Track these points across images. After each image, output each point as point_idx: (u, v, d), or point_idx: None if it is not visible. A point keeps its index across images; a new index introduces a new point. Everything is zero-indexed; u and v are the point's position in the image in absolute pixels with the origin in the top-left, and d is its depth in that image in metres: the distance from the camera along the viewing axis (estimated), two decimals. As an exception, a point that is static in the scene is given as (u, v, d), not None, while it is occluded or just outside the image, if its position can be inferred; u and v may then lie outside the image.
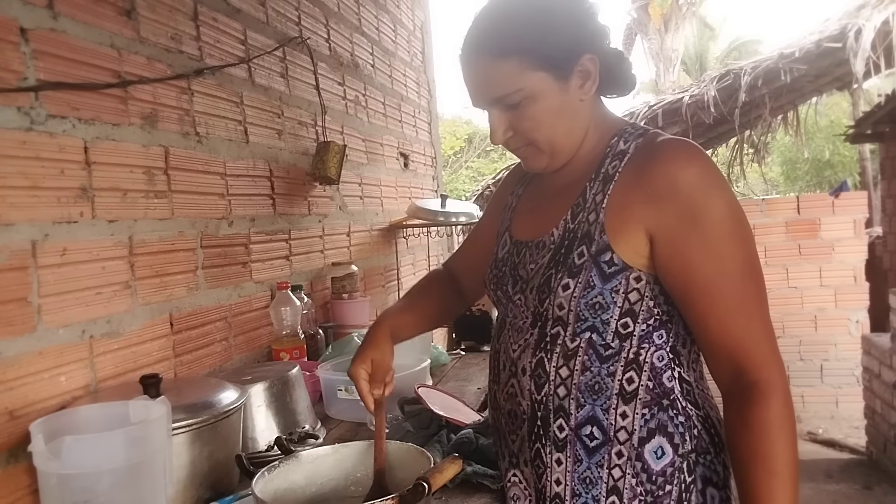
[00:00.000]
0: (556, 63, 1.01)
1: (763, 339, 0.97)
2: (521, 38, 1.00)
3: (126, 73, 1.53)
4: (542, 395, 1.06)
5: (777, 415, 0.95)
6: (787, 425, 0.95)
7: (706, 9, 16.85)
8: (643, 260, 1.01)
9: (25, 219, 1.25)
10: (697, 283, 0.98)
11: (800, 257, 5.29)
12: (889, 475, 4.02)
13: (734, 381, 0.98)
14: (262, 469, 1.08)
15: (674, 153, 1.00)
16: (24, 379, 1.23)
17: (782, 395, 0.96)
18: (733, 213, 0.98)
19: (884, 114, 4.71)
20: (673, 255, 0.99)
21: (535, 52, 1.00)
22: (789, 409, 0.97)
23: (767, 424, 0.95)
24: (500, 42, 1.00)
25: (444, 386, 1.99)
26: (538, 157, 1.09)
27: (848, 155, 11.67)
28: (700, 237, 0.97)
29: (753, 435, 0.95)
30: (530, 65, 1.00)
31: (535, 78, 1.01)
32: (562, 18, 1.02)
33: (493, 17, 1.04)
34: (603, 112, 1.13)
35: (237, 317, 1.95)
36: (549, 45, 1.00)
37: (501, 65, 1.01)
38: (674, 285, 1.00)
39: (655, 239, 0.99)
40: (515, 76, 1.00)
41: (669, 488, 1.02)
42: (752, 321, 0.97)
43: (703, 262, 0.97)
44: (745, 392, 0.96)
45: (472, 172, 16.77)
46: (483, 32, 1.03)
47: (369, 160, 3.09)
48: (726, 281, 0.97)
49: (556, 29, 1.01)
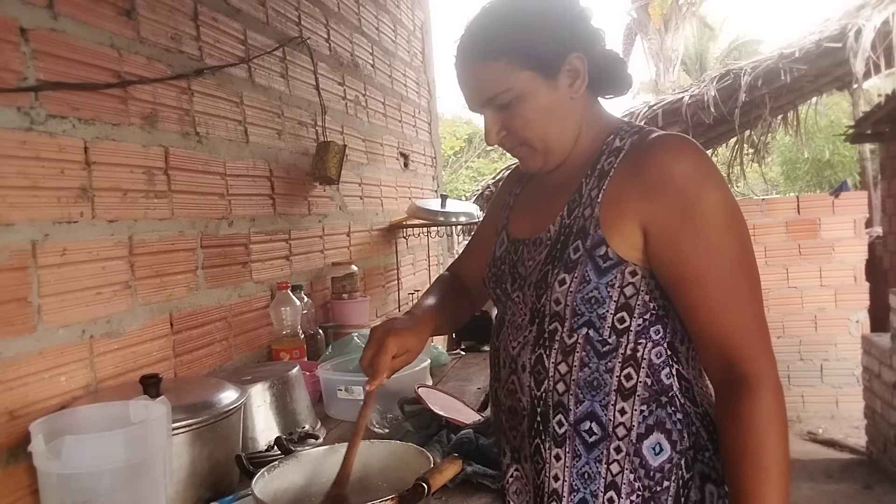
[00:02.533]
0: (543, 62, 1.03)
1: (754, 333, 0.98)
2: (509, 39, 1.03)
3: (126, 73, 1.53)
4: (541, 392, 1.07)
5: (766, 408, 0.95)
6: (776, 420, 0.95)
7: (706, 9, 16.87)
8: (637, 253, 1.02)
9: (25, 219, 1.25)
10: (688, 275, 0.98)
11: (800, 257, 5.30)
12: (889, 475, 4.02)
13: (724, 373, 0.99)
14: (262, 469, 1.08)
15: (667, 147, 1.01)
16: (24, 379, 1.23)
17: (772, 389, 0.96)
18: (726, 207, 0.99)
19: (884, 114, 4.71)
20: (664, 247, 0.99)
21: (522, 51, 1.03)
22: (780, 403, 0.97)
23: (756, 418, 0.95)
24: (489, 44, 1.04)
25: (444, 386, 1.99)
26: (533, 156, 1.11)
27: (848, 155, 11.66)
28: (691, 229, 0.97)
29: (742, 428, 0.96)
30: (518, 64, 1.03)
31: (524, 77, 1.03)
32: (549, 20, 1.05)
33: (482, 21, 1.07)
34: (598, 111, 1.14)
35: (237, 317, 1.95)
36: (536, 45, 1.03)
37: (491, 66, 1.04)
38: (666, 277, 1.01)
39: (648, 231, 1.00)
40: (504, 76, 1.03)
41: (667, 484, 1.02)
42: (743, 315, 0.98)
43: (695, 254, 0.97)
44: (735, 385, 0.97)
45: (472, 172, 16.78)
46: (473, 36, 1.07)
47: (369, 160, 3.09)
48: (717, 273, 0.97)
49: (543, 30, 1.04)
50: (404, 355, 1.16)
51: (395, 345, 1.13)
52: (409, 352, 1.17)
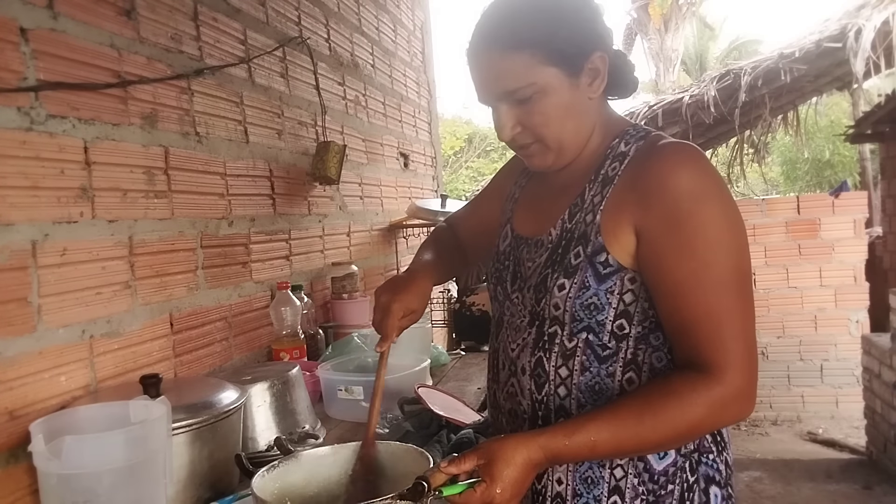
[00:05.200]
0: (567, 59, 1.00)
1: (731, 350, 0.93)
2: (535, 32, 0.99)
3: (126, 73, 1.53)
4: (542, 395, 1.06)
5: (705, 396, 0.92)
6: (703, 417, 0.92)
7: (706, 9, 16.85)
8: (632, 260, 1.01)
9: (25, 219, 1.25)
10: (667, 284, 0.97)
11: (800, 257, 5.29)
12: (889, 475, 4.02)
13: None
14: (262, 469, 1.08)
15: (669, 156, 0.99)
16: (24, 379, 1.23)
17: (728, 395, 0.92)
18: (721, 222, 0.96)
19: (884, 114, 4.71)
20: (650, 255, 0.98)
21: (547, 46, 0.99)
22: (723, 411, 0.93)
23: (690, 392, 0.92)
24: (513, 35, 0.99)
25: (444, 386, 1.99)
26: (544, 154, 1.08)
27: (848, 155, 11.65)
28: (678, 241, 0.95)
29: (668, 387, 0.94)
30: (543, 59, 0.99)
31: (548, 73, 1.00)
32: (573, 15, 1.01)
33: (505, 10, 1.02)
34: (608, 112, 1.13)
35: (237, 317, 1.95)
36: (561, 41, 0.99)
37: (513, 57, 0.99)
38: (648, 283, 1.00)
39: (640, 238, 0.99)
40: (527, 70, 0.99)
41: (672, 488, 1.02)
42: (719, 330, 0.93)
43: (676, 266, 0.96)
44: (697, 373, 0.94)
45: (472, 172, 16.76)
46: (495, 25, 1.02)
47: (369, 160, 3.09)
48: (697, 287, 0.94)
49: (568, 25, 1.00)
50: (410, 315, 1.18)
51: (400, 309, 1.15)
52: (414, 312, 1.19)
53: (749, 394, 0.94)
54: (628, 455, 1.00)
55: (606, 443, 0.92)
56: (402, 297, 1.16)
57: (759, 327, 1.31)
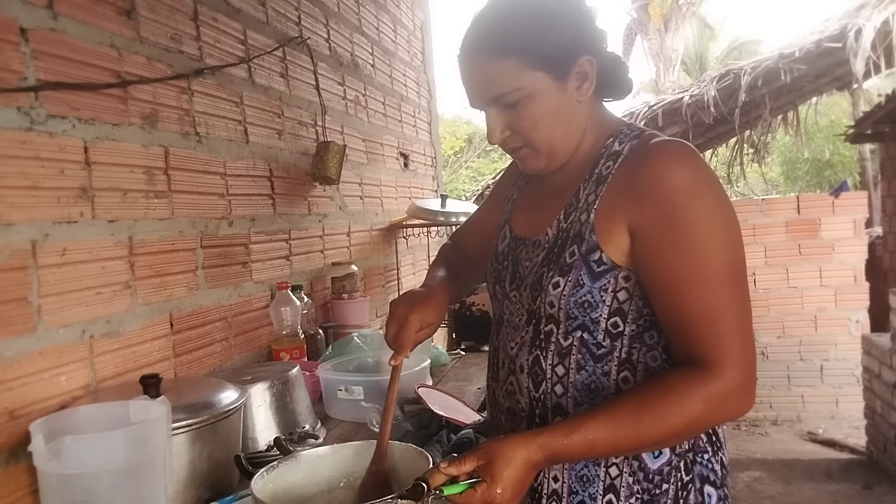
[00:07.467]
0: (554, 63, 1.01)
1: (729, 345, 0.93)
2: (521, 37, 1.00)
3: (126, 73, 1.53)
4: (539, 393, 1.07)
5: (702, 396, 0.91)
6: (701, 413, 0.92)
7: (706, 9, 16.86)
8: (627, 258, 1.01)
9: (25, 219, 1.25)
10: (662, 282, 0.97)
11: (800, 257, 5.29)
12: (889, 475, 4.02)
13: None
14: (262, 469, 1.08)
15: (662, 153, 1.00)
16: (24, 379, 1.23)
17: (728, 390, 0.92)
18: (715, 218, 0.96)
19: (884, 114, 4.71)
20: (645, 253, 0.98)
21: (533, 51, 1.00)
22: (722, 406, 0.93)
23: (688, 389, 0.92)
24: (500, 41, 1.01)
25: (444, 386, 1.99)
26: (536, 157, 1.09)
27: (848, 155, 11.66)
28: (673, 238, 0.96)
29: (666, 383, 0.94)
30: (529, 64, 1.00)
31: (534, 77, 1.01)
32: (561, 20, 1.02)
33: (492, 16, 1.04)
34: (601, 113, 1.13)
35: (237, 317, 1.95)
36: (547, 45, 1.00)
37: (500, 63, 1.01)
38: (644, 281, 1.00)
39: (634, 235, 1.00)
40: (514, 75, 1.01)
41: (666, 487, 1.02)
42: (716, 325, 0.94)
43: (672, 262, 0.96)
44: (694, 369, 0.94)
45: (472, 172, 16.77)
46: (482, 31, 1.03)
47: (369, 160, 3.09)
48: (693, 284, 0.95)
49: (554, 29, 1.01)
50: (426, 329, 1.17)
51: (417, 321, 1.14)
52: (430, 325, 1.17)
53: (747, 389, 0.94)
54: (628, 453, 1.00)
55: (605, 441, 0.92)
56: (420, 309, 1.15)
57: (759, 327, 1.30)
